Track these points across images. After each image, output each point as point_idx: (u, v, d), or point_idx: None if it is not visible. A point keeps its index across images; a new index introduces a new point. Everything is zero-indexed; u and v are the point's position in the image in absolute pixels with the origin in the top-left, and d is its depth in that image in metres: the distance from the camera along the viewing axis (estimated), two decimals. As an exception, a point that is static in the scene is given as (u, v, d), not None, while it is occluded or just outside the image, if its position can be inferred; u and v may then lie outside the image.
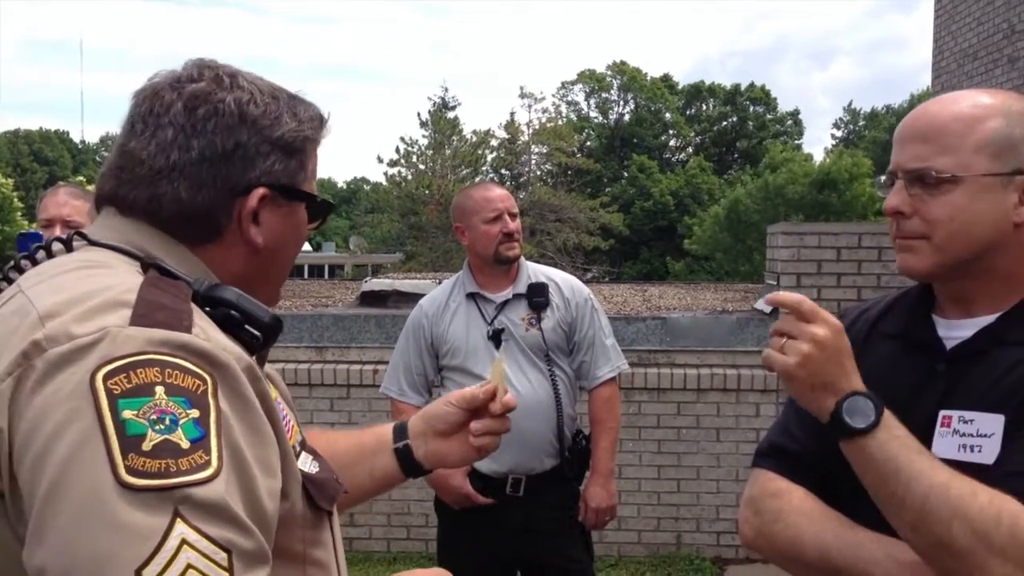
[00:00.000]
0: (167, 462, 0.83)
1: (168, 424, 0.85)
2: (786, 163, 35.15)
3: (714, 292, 8.04)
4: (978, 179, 1.35)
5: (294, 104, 1.15)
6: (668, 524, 5.46)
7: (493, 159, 36.41)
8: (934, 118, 1.38)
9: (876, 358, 1.49)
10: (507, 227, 3.06)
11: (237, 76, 1.12)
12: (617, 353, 3.23)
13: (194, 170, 1.06)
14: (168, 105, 1.07)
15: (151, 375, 0.87)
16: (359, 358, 5.60)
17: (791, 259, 5.33)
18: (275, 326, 1.07)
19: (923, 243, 1.39)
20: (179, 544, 0.81)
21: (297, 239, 1.18)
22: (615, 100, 53.28)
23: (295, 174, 1.13)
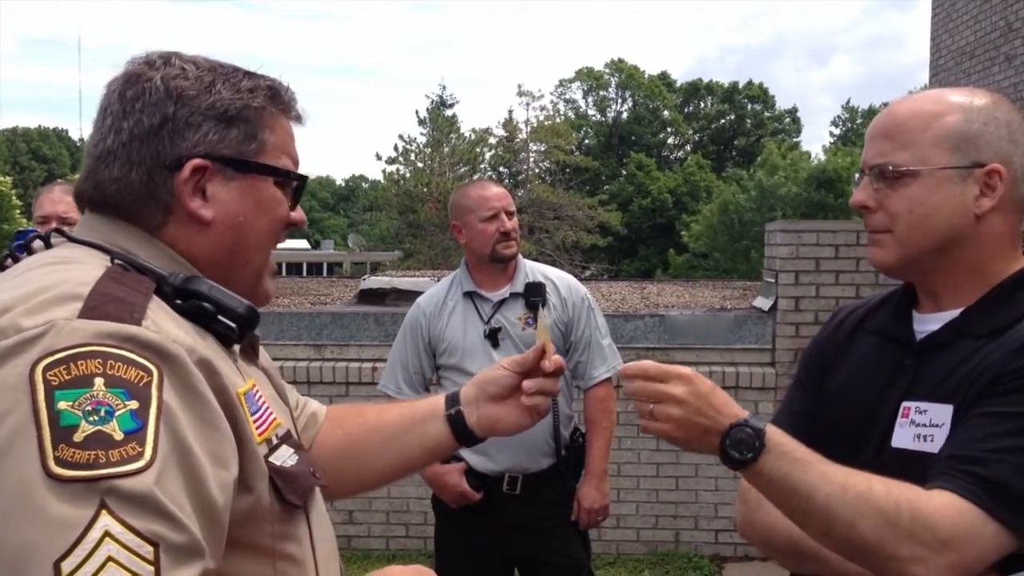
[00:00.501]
0: (97, 453, 0.83)
1: (103, 415, 0.85)
2: (783, 163, 35.07)
3: (712, 289, 8.05)
4: (935, 172, 1.40)
5: (235, 76, 1.13)
6: (666, 522, 5.46)
7: (491, 157, 36.46)
8: (896, 116, 1.45)
9: (857, 354, 1.57)
10: (504, 226, 3.06)
11: (172, 56, 1.13)
12: (613, 353, 3.23)
13: (125, 150, 1.08)
14: (109, 96, 1.11)
15: (92, 367, 0.87)
16: (358, 356, 5.60)
17: (789, 256, 5.33)
18: (250, 317, 1.07)
19: (887, 236, 1.45)
20: (101, 536, 0.80)
21: (266, 215, 1.15)
22: (613, 98, 53.28)
23: (242, 145, 1.11)
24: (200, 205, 1.09)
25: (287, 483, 1.07)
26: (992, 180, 1.40)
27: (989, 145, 1.40)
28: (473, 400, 1.47)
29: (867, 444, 1.47)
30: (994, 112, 1.42)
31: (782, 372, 5.32)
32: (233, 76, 1.13)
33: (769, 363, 5.41)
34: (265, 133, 1.14)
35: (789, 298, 5.34)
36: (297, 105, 1.20)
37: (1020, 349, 1.34)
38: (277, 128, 1.16)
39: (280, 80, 1.19)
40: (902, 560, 1.24)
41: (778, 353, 5.36)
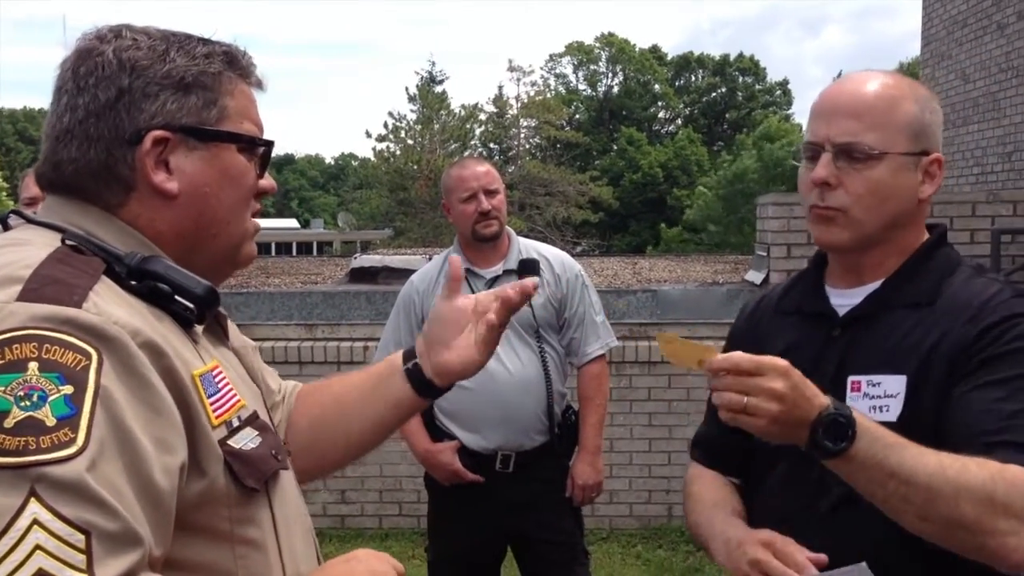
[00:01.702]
0: (27, 439, 0.81)
1: (35, 401, 0.83)
2: (781, 133, 35.09)
3: (704, 264, 8.04)
4: (898, 157, 1.45)
5: (188, 43, 1.10)
6: (659, 497, 5.48)
7: (482, 133, 36.33)
8: (860, 95, 1.47)
9: (781, 335, 1.61)
10: (482, 206, 3.03)
11: (123, 29, 1.10)
12: (607, 330, 3.22)
13: (81, 128, 1.05)
14: (63, 75, 1.08)
15: (27, 351, 0.85)
16: (349, 335, 5.58)
17: (781, 230, 5.32)
18: (208, 297, 1.05)
19: (840, 215, 1.48)
20: (30, 524, 0.79)
21: (232, 184, 1.12)
22: (603, 72, 53.09)
23: (202, 113, 1.08)
24: (164, 178, 1.06)
25: (245, 466, 1.05)
26: (933, 168, 1.48)
27: (934, 135, 1.49)
28: (424, 352, 1.42)
29: None
30: (934, 103, 1.51)
31: (775, 346, 5.32)
32: (187, 43, 1.10)
33: (762, 337, 5.41)
34: (225, 99, 1.11)
35: (781, 271, 5.33)
36: (256, 70, 1.17)
37: (975, 319, 1.41)
38: (237, 93, 1.12)
39: (236, 44, 1.15)
40: (999, 534, 1.25)
41: (771, 327, 5.36)
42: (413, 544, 5.11)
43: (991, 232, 5.42)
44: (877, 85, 1.48)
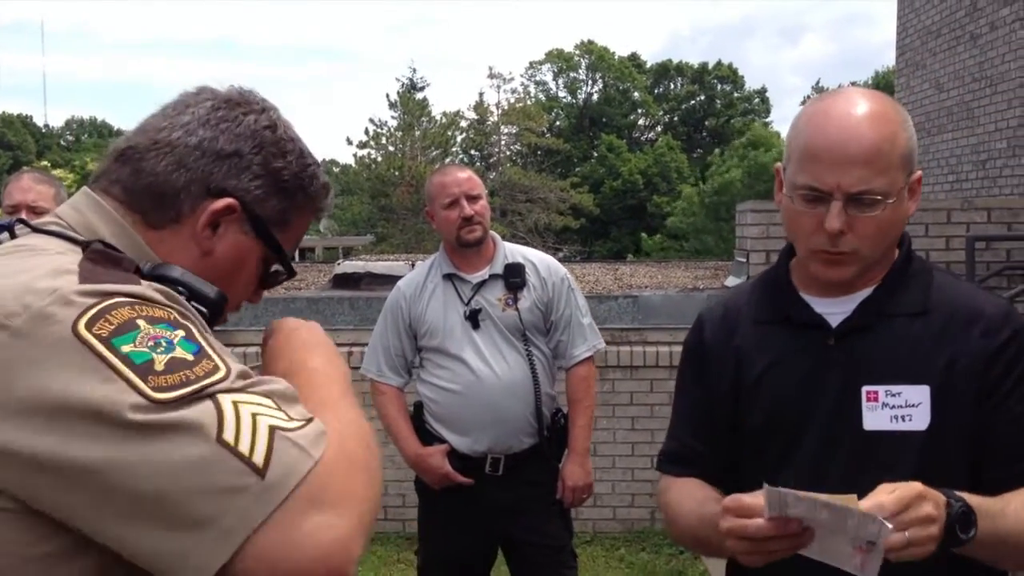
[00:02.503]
0: (183, 373, 0.88)
1: (166, 346, 0.89)
2: (766, 141, 35.28)
3: (684, 270, 8.11)
4: (899, 193, 1.46)
5: (307, 158, 1.18)
6: (643, 500, 5.53)
7: (463, 140, 36.35)
8: (868, 141, 1.42)
9: (765, 348, 1.60)
10: (464, 211, 3.07)
11: (271, 109, 1.17)
12: (594, 332, 3.27)
13: (185, 152, 1.09)
14: (201, 100, 1.13)
15: (125, 313, 0.89)
16: (334, 340, 5.59)
17: (761, 236, 5.39)
18: (220, 302, 1.09)
19: (852, 257, 1.48)
20: (233, 404, 0.88)
21: (244, 278, 1.17)
22: (583, 80, 53.26)
23: (274, 214, 1.15)
24: (209, 235, 1.11)
25: None
26: (915, 185, 1.49)
27: (915, 154, 1.49)
28: None
29: (812, 427, 1.53)
30: (910, 119, 1.50)
31: (755, 350, 5.39)
32: (306, 158, 1.18)
33: (742, 342, 5.47)
34: (295, 216, 1.18)
35: (761, 277, 5.40)
36: (328, 209, 1.26)
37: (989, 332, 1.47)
38: (303, 219, 1.20)
39: (329, 182, 1.24)
40: None
41: (751, 332, 5.42)
42: (398, 548, 5.14)
43: (966, 239, 5.51)
44: (876, 124, 1.44)
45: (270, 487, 0.85)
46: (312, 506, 0.87)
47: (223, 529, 0.84)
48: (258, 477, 0.85)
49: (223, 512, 0.84)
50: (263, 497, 0.85)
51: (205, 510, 0.84)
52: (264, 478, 0.85)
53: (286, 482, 0.86)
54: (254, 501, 0.85)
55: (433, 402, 3.15)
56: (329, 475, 0.89)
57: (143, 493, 0.84)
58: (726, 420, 1.64)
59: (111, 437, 0.84)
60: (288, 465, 0.87)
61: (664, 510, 1.72)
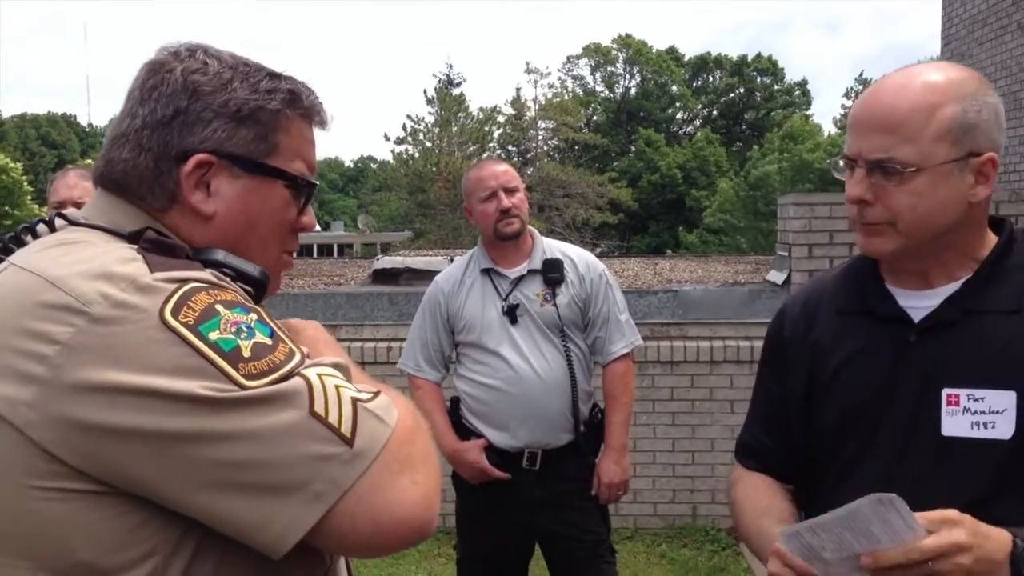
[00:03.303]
0: (269, 360, 0.93)
1: (247, 331, 0.94)
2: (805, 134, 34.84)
3: (725, 264, 8.03)
4: (938, 168, 1.36)
5: (256, 75, 1.13)
6: (683, 496, 5.49)
7: (500, 135, 36.30)
8: (893, 107, 1.38)
9: (845, 339, 1.53)
10: (502, 203, 3.06)
11: (198, 49, 1.13)
12: (631, 328, 3.24)
13: (136, 136, 1.09)
14: (135, 81, 1.13)
15: (204, 299, 0.94)
16: (373, 336, 5.63)
17: (802, 230, 5.32)
18: (264, 280, 1.11)
19: (888, 228, 1.41)
20: (319, 377, 0.95)
21: (269, 217, 1.15)
22: (621, 74, 53.02)
23: (251, 145, 1.11)
24: (202, 199, 1.10)
25: None
26: (986, 168, 1.39)
27: (984, 134, 1.38)
28: None
29: (887, 429, 1.44)
30: (984, 98, 1.39)
31: (797, 345, 5.32)
32: (254, 75, 1.13)
33: (784, 337, 5.40)
34: (278, 135, 1.13)
35: (803, 271, 5.33)
36: (322, 110, 1.20)
37: None
38: (294, 131, 1.15)
39: (304, 83, 1.18)
40: None
41: (793, 326, 5.35)
42: (438, 542, 5.15)
43: (1015, 231, 5.39)
44: (914, 92, 1.38)
45: (358, 454, 0.92)
46: (397, 470, 0.94)
47: (314, 493, 0.90)
48: (347, 446, 0.92)
49: (314, 478, 0.90)
50: (353, 463, 0.92)
51: (296, 476, 0.90)
52: (352, 446, 0.92)
53: (371, 449, 0.93)
54: (344, 468, 0.91)
55: (470, 397, 3.14)
56: (408, 441, 0.98)
57: (236, 461, 0.89)
58: (799, 417, 1.57)
59: (207, 413, 0.89)
60: (372, 434, 0.94)
61: (731, 503, 1.69)
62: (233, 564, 0.96)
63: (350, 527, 0.92)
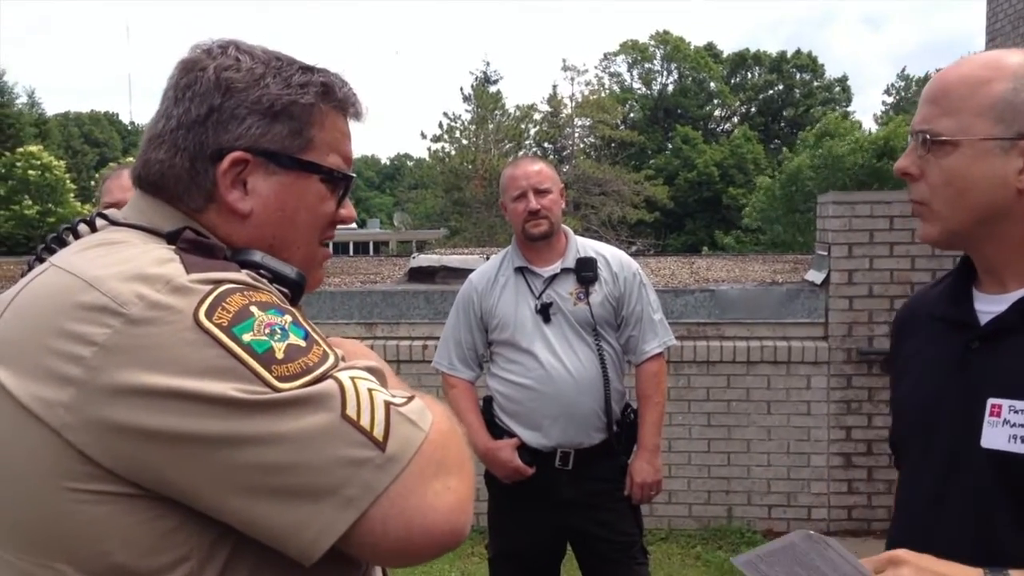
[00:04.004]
0: (302, 361, 0.92)
1: (281, 333, 0.93)
2: (842, 131, 34.48)
3: (762, 263, 7.95)
4: (977, 143, 1.30)
5: (288, 70, 1.12)
6: (719, 497, 5.44)
7: (536, 133, 36.26)
8: (945, 80, 1.34)
9: (918, 341, 1.48)
10: (530, 205, 3.05)
11: (230, 45, 1.12)
12: (665, 328, 3.21)
13: (172, 136, 1.09)
14: (169, 81, 1.13)
15: (239, 300, 0.93)
16: (409, 334, 5.64)
17: (842, 229, 5.24)
18: (301, 282, 1.10)
19: (926, 209, 1.37)
20: (351, 380, 0.93)
21: (307, 211, 1.14)
22: (658, 71, 52.76)
23: (286, 140, 1.10)
24: (238, 197, 1.09)
25: None
26: None
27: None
28: None
29: (941, 437, 1.38)
30: None
31: (835, 346, 5.26)
32: (286, 70, 1.12)
33: (822, 337, 5.34)
34: (313, 130, 1.12)
35: (842, 271, 5.26)
36: (356, 102, 1.19)
37: None
38: (328, 125, 1.14)
39: (337, 76, 1.17)
40: None
41: (831, 327, 5.29)
42: (472, 542, 5.14)
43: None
44: (969, 66, 1.33)
45: (391, 459, 0.91)
46: (431, 474, 0.93)
47: (346, 498, 0.89)
48: (379, 450, 0.91)
49: (346, 483, 0.89)
50: (385, 468, 0.91)
51: (328, 481, 0.89)
52: (385, 451, 0.91)
53: (404, 454, 0.92)
54: (377, 472, 0.90)
55: (503, 396, 3.14)
56: (442, 446, 0.96)
57: (268, 465, 0.88)
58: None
59: (239, 416, 0.88)
60: (405, 438, 0.93)
61: None
62: (269, 572, 0.95)
63: (382, 532, 0.91)
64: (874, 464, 5.28)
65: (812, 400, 5.31)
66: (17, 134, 37.01)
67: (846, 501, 5.34)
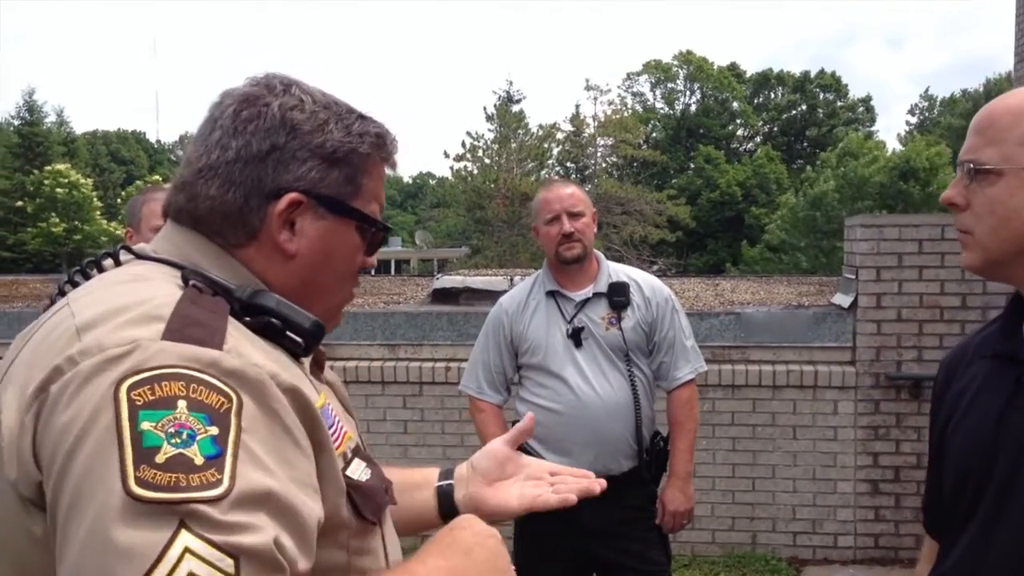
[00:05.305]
0: (178, 476, 0.83)
1: (185, 439, 0.84)
2: (865, 151, 34.38)
3: (787, 285, 7.90)
4: (1020, 172, 1.30)
5: (348, 117, 1.14)
6: (743, 524, 5.38)
7: (559, 152, 36.35)
8: (991, 110, 1.36)
9: (966, 381, 1.46)
10: (564, 228, 3.04)
11: (292, 85, 1.12)
12: (696, 354, 3.19)
13: (227, 168, 1.08)
14: (224, 109, 1.11)
15: (175, 388, 0.87)
16: (431, 355, 5.63)
17: (870, 252, 5.20)
18: (316, 332, 1.06)
19: (969, 238, 1.37)
20: (182, 553, 0.80)
21: (343, 259, 1.15)
22: (681, 90, 52.79)
23: (340, 187, 1.11)
24: (287, 238, 1.09)
25: (363, 498, 1.07)
26: None
27: None
28: (465, 478, 1.46)
29: (992, 482, 1.35)
30: None
31: (863, 371, 5.20)
32: (347, 117, 1.14)
33: (849, 361, 5.29)
34: (364, 178, 1.14)
35: (870, 295, 5.21)
36: (396, 151, 1.20)
37: None
38: (374, 174, 1.16)
39: (386, 127, 1.19)
40: None
41: (859, 351, 5.24)
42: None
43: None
44: (1015, 99, 1.35)
45: None
46: None
47: None
48: None
49: None
50: None
51: None
52: None
53: None
54: None
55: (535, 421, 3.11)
56: None
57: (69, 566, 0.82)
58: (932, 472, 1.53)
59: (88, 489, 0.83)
60: None
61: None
62: None
63: None
64: (901, 491, 5.21)
65: (839, 426, 5.26)
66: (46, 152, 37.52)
67: (873, 529, 5.27)
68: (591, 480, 1.45)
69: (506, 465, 1.46)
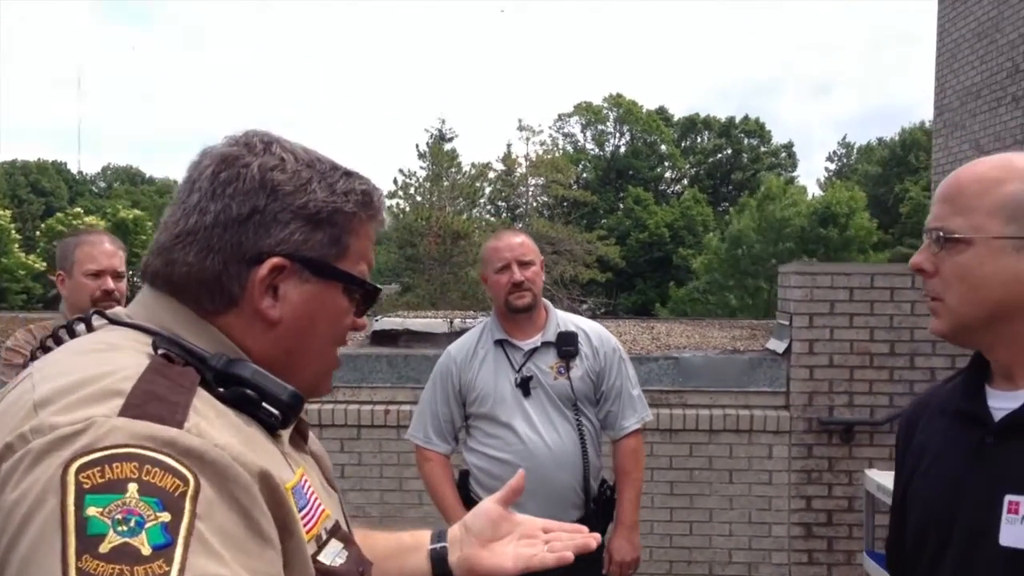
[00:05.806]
0: (122, 568, 0.78)
1: (132, 526, 0.79)
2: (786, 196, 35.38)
3: (720, 329, 8.02)
4: (990, 241, 1.34)
5: (332, 175, 1.09)
6: (680, 568, 5.41)
7: (491, 191, 36.54)
8: (959, 179, 1.39)
9: (928, 435, 1.49)
10: (515, 277, 3.05)
11: (273, 143, 1.08)
12: (643, 403, 3.22)
13: (206, 234, 1.03)
14: (203, 170, 1.06)
15: (127, 470, 0.81)
16: (370, 398, 5.56)
17: (804, 299, 5.32)
18: (294, 404, 1.02)
19: (940, 305, 1.40)
20: None
21: (329, 323, 1.10)
22: (611, 132, 53.67)
23: (325, 249, 1.07)
24: (270, 304, 1.04)
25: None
26: None
27: None
28: (457, 540, 1.44)
29: (955, 539, 1.38)
30: None
31: (796, 415, 5.30)
32: (330, 175, 1.09)
33: (783, 406, 5.39)
34: (349, 238, 1.10)
35: (803, 340, 5.32)
36: (383, 209, 1.16)
37: None
38: (361, 233, 1.12)
39: (373, 183, 1.14)
40: None
41: (792, 396, 5.34)
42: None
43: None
44: (983, 167, 1.38)
45: None
46: None
47: None
48: None
49: None
50: None
51: None
52: None
53: None
54: None
55: (480, 471, 3.09)
56: None
57: None
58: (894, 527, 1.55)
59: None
60: None
61: None
62: None
63: None
64: (834, 535, 5.30)
65: (774, 469, 5.34)
66: (-39, 181, 36.29)
67: (806, 572, 5.34)
68: (585, 536, 1.43)
69: (500, 525, 1.43)
